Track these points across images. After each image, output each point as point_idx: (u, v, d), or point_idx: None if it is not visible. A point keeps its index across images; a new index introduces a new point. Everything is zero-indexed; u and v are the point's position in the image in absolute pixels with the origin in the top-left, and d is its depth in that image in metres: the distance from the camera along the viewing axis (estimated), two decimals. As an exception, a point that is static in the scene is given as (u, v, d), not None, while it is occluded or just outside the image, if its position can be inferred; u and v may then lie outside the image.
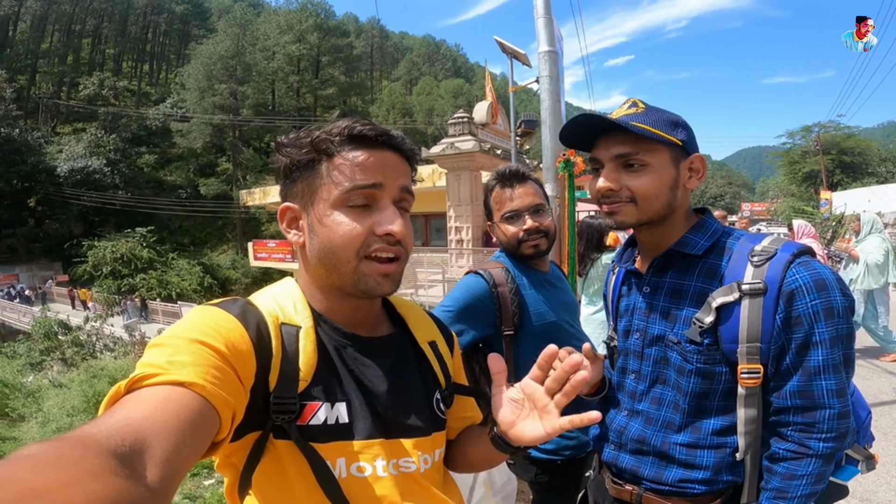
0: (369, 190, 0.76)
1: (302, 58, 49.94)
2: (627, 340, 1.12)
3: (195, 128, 43.27)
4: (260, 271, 34.49)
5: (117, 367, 10.00)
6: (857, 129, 37.53)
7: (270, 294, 0.81)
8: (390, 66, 75.11)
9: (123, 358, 13.77)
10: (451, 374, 0.96)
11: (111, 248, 31.93)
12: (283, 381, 0.71)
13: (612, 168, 1.01)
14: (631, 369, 1.12)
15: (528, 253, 1.57)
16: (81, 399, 7.27)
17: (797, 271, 0.91)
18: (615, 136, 1.00)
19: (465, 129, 12.72)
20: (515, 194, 1.58)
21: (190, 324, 0.67)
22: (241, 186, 38.86)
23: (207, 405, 0.57)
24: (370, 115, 54.30)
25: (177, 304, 24.42)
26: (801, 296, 0.89)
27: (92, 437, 0.44)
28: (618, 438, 1.12)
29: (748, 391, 0.95)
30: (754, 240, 0.99)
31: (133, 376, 0.57)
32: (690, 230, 1.04)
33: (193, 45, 52.28)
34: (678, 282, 1.02)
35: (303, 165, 0.79)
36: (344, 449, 0.74)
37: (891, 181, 27.57)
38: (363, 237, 0.76)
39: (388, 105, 54.58)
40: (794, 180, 35.85)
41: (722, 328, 0.94)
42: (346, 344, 0.81)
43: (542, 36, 3.70)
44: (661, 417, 1.05)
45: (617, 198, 1.01)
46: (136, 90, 53.57)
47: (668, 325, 1.03)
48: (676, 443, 1.02)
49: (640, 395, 1.09)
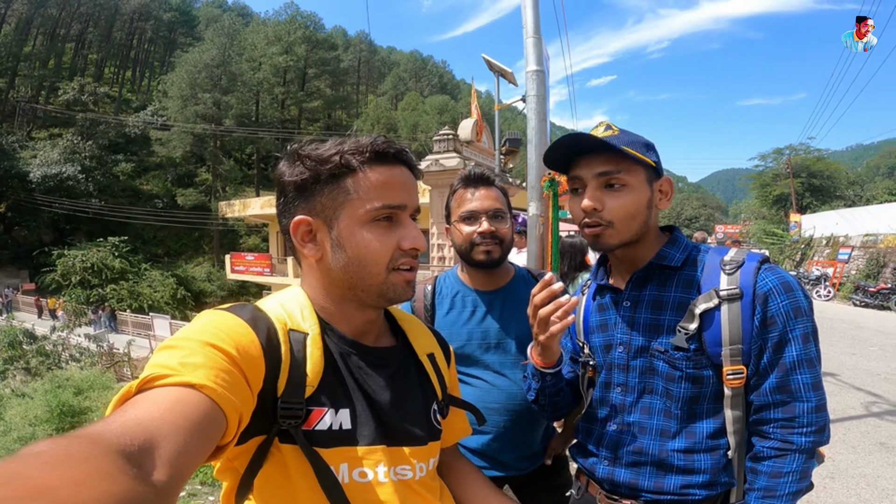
0: (393, 209, 0.80)
1: (288, 69, 49.85)
2: (609, 354, 1.14)
3: (175, 136, 42.54)
4: (237, 284, 33.90)
5: (83, 378, 9.66)
6: (826, 151, 39.00)
7: (278, 300, 0.83)
8: (377, 81, 75.50)
9: (90, 368, 13.31)
10: (448, 386, 0.99)
11: (81, 257, 30.98)
12: (291, 387, 0.72)
13: (595, 187, 1.05)
14: (616, 383, 1.13)
15: (480, 259, 1.46)
16: (45, 409, 7.01)
17: (766, 276, 0.99)
18: (597, 156, 1.05)
19: (450, 147, 12.81)
20: (477, 195, 1.50)
21: (202, 327, 0.68)
22: (220, 198, 38.26)
23: (216, 408, 0.57)
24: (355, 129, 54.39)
25: (148, 315, 23.75)
26: (773, 297, 0.97)
27: (102, 436, 0.44)
28: (612, 453, 1.12)
29: (734, 391, 1.00)
30: (720, 252, 1.08)
31: (145, 376, 0.58)
32: (666, 245, 1.10)
33: (179, 53, 51.83)
34: (658, 294, 1.07)
35: (325, 180, 0.79)
36: (347, 454, 0.75)
37: (858, 204, 28.58)
38: (392, 252, 0.80)
39: (373, 119, 54.70)
40: (766, 203, 36.91)
41: (706, 333, 1.00)
42: (351, 352, 0.82)
43: (530, 55, 3.76)
44: (655, 426, 1.07)
45: (599, 220, 1.05)
46: (116, 96, 52.64)
47: (652, 335, 1.07)
48: (674, 449, 1.04)
49: (629, 407, 1.11)
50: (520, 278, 1.60)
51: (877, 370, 6.50)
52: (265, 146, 48.51)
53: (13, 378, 14.63)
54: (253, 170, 50.23)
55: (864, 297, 14.56)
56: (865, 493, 3.32)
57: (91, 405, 7.64)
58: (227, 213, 24.72)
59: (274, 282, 21.21)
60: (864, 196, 36.19)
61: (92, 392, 8.39)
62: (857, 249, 18.66)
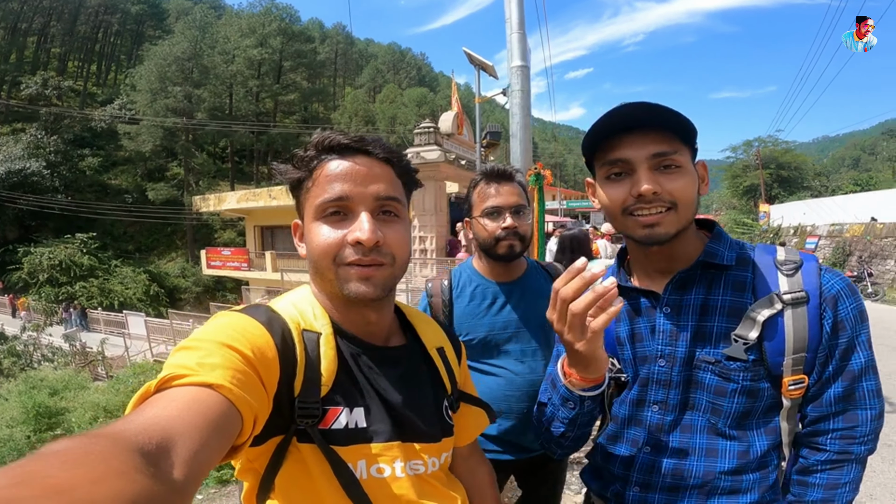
0: (336, 203, 0.78)
1: (263, 62, 48.90)
2: (647, 368, 0.99)
3: (145, 130, 41.36)
4: (212, 280, 33.24)
5: (58, 378, 9.41)
6: (794, 143, 40.17)
7: (289, 301, 0.84)
8: (354, 73, 74.51)
9: (64, 368, 12.95)
10: (458, 380, 1.00)
11: (48, 255, 30.02)
12: (308, 387, 0.74)
13: (649, 168, 0.89)
14: (653, 400, 0.99)
15: (503, 252, 1.53)
16: (21, 410, 6.83)
17: (830, 278, 0.91)
18: (647, 134, 0.89)
19: (431, 139, 12.80)
20: (500, 191, 1.55)
21: (218, 328, 0.69)
22: (193, 192, 37.34)
23: (232, 408, 0.58)
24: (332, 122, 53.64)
25: (121, 313, 23.14)
26: (843, 301, 0.89)
27: (121, 435, 0.45)
28: (645, 478, 1.00)
29: (793, 402, 0.92)
30: (768, 250, 0.97)
31: (163, 376, 0.58)
32: (712, 241, 0.98)
33: (147, 46, 50.09)
34: (706, 297, 0.94)
35: (295, 185, 0.84)
36: (363, 452, 0.77)
37: (825, 195, 29.52)
38: (337, 246, 0.78)
39: (350, 112, 54.10)
40: (736, 193, 37.89)
41: (767, 342, 0.89)
42: (361, 352, 0.83)
43: (515, 50, 3.77)
44: (699, 445, 0.95)
45: (659, 203, 0.89)
46: (81, 90, 50.73)
47: (699, 344, 0.94)
48: (722, 471, 0.93)
49: (667, 428, 0.98)
50: (533, 269, 1.68)
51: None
52: (239, 139, 47.53)
53: (-15, 379, 14.14)
54: (227, 163, 49.16)
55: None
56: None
57: (68, 405, 7.46)
58: (201, 208, 24.14)
59: (252, 276, 20.85)
60: (829, 187, 37.58)
61: (68, 392, 8.20)
62: (824, 238, 19.34)
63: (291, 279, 15.59)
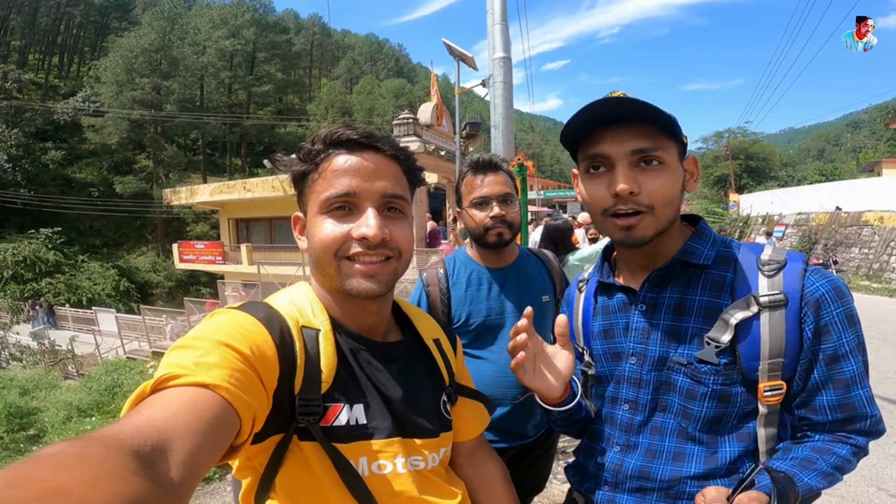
0: (342, 198, 0.78)
1: (236, 53, 47.81)
2: (619, 366, 0.98)
3: (111, 123, 40.05)
4: (185, 274, 32.45)
5: (28, 378, 9.12)
6: (762, 135, 41.42)
7: (287, 297, 0.84)
8: (330, 64, 73.33)
9: (33, 368, 12.53)
10: (455, 372, 1.00)
11: (12, 251, 28.86)
12: (308, 384, 0.74)
13: (627, 166, 0.86)
14: (624, 399, 0.98)
15: (493, 241, 1.58)
16: (-10, 411, 6.65)
17: (815, 280, 0.85)
18: (628, 128, 0.85)
19: (410, 130, 12.76)
20: (486, 181, 1.59)
21: (216, 326, 0.68)
22: (162, 185, 36.28)
23: (229, 408, 0.57)
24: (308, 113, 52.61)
25: (90, 309, 22.43)
26: (826, 304, 0.84)
27: (116, 437, 0.44)
28: (613, 478, 0.98)
29: (770, 409, 0.87)
30: (754, 249, 0.93)
31: (159, 376, 0.57)
32: (692, 238, 0.94)
33: (113, 38, 48.27)
34: (681, 297, 0.92)
35: (299, 178, 0.83)
36: (364, 448, 0.77)
37: (791, 184, 30.48)
38: (341, 240, 0.78)
39: (326, 103, 53.28)
40: (707, 183, 38.82)
41: (741, 346, 0.85)
42: (360, 348, 0.83)
43: (497, 42, 3.79)
44: (667, 449, 0.93)
45: (635, 206, 0.86)
46: (42, 83, 48.55)
47: (672, 345, 0.91)
48: (688, 476, 0.90)
49: (637, 427, 0.96)
50: (524, 255, 1.74)
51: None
52: (211, 131, 46.30)
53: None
54: (199, 155, 47.92)
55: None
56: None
57: (40, 405, 7.25)
58: (172, 201, 23.48)
59: (227, 270, 20.41)
60: (796, 177, 38.87)
61: (39, 392, 7.96)
62: (791, 227, 20.02)
63: (268, 272, 15.36)
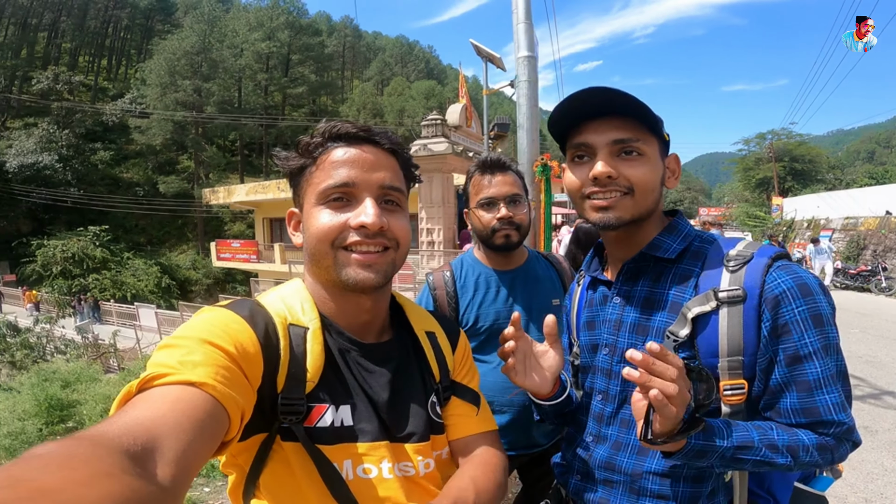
0: (341, 189, 0.78)
1: (271, 55, 49.12)
2: (594, 357, 1.01)
3: (155, 124, 41.70)
4: (223, 272, 33.55)
5: (70, 370, 9.52)
6: (807, 136, 39.63)
7: (278, 295, 0.82)
8: (362, 66, 74.48)
9: (76, 361, 13.12)
10: (451, 368, 0.94)
11: (62, 247, 30.43)
12: (291, 383, 0.72)
13: (609, 154, 0.89)
14: (597, 389, 1.00)
15: (500, 243, 1.53)
16: (33, 403, 6.89)
17: (778, 276, 0.82)
18: (611, 120, 0.89)
19: (439, 131, 12.75)
20: (494, 182, 1.54)
21: (199, 325, 0.68)
22: (203, 185, 37.66)
23: (217, 405, 0.58)
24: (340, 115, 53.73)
25: (132, 305, 23.40)
26: (787, 302, 0.81)
27: (104, 437, 0.44)
28: (583, 467, 1.00)
29: (732, 409, 0.85)
30: (729, 244, 0.91)
31: (145, 376, 0.58)
32: (662, 232, 0.95)
33: (157, 41, 50.47)
34: (650, 290, 0.93)
35: (296, 172, 0.83)
36: (350, 451, 0.75)
37: (839, 188, 29.11)
38: (339, 230, 0.77)
39: (358, 105, 54.09)
40: (749, 186, 37.48)
41: (700, 341, 0.85)
42: (350, 348, 0.82)
43: (521, 41, 3.74)
44: (633, 442, 0.93)
45: (614, 188, 0.89)
46: (92, 85, 51.16)
47: (640, 338, 0.92)
48: (650, 471, 0.90)
49: (607, 419, 0.97)
50: (533, 257, 1.67)
51: (858, 353, 6.37)
52: (248, 132, 47.72)
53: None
54: (236, 156, 49.44)
55: (845, 279, 14.90)
56: (850, 478, 3.37)
57: (80, 398, 7.53)
58: (211, 201, 24.35)
59: (261, 268, 21.00)
60: (844, 180, 36.95)
61: (80, 385, 8.26)
62: (838, 232, 19.04)
63: (300, 271, 15.62)
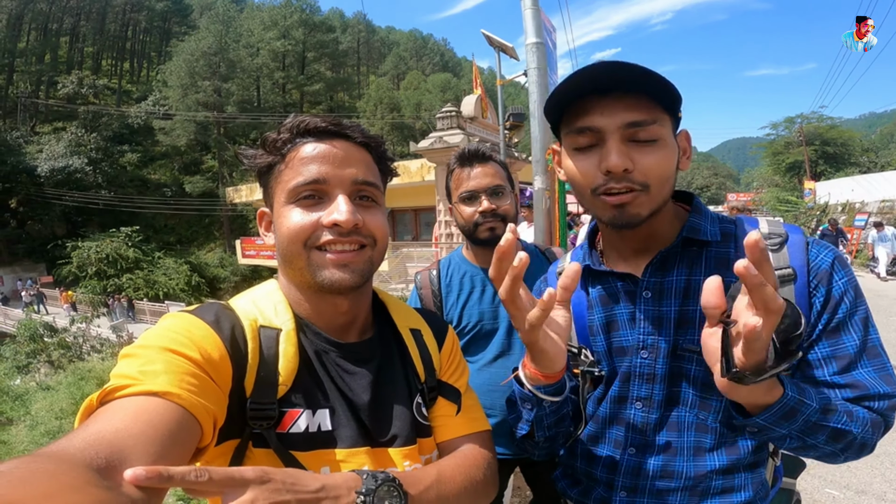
0: (312, 186, 0.75)
1: (287, 54, 49.45)
2: (629, 361, 0.91)
3: (179, 125, 42.56)
4: (249, 269, 34.19)
5: (105, 369, 9.89)
6: (839, 119, 38.11)
7: (250, 297, 0.80)
8: (377, 61, 74.54)
9: (111, 359, 13.60)
10: (437, 367, 0.91)
11: (96, 249, 31.38)
12: (261, 387, 0.70)
13: (620, 140, 0.78)
14: (636, 397, 0.90)
15: (484, 237, 1.46)
16: (69, 401, 7.19)
17: (818, 250, 0.82)
18: (621, 99, 0.77)
19: (454, 123, 12.70)
20: (473, 174, 1.48)
21: (160, 332, 0.66)
22: (227, 184, 38.38)
23: (185, 413, 0.56)
24: (357, 111, 53.96)
25: (164, 303, 24.09)
26: (836, 274, 0.80)
27: (65, 452, 0.43)
28: (631, 482, 0.91)
29: None
30: (751, 223, 0.88)
31: (105, 389, 0.56)
32: (694, 215, 0.88)
33: (175, 42, 51.40)
34: (688, 279, 0.85)
35: (265, 171, 0.80)
36: (327, 458, 0.72)
37: (873, 171, 28.02)
38: (311, 229, 0.74)
39: (375, 100, 54.19)
40: (778, 171, 36.30)
41: None
42: (328, 349, 0.79)
43: (529, 27, 3.67)
44: (688, 444, 0.87)
45: (630, 183, 0.79)
46: (116, 88, 52.48)
47: (682, 332, 0.85)
48: (713, 470, 0.86)
49: (652, 426, 0.89)
50: (529, 253, 1.61)
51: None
52: (268, 131, 48.14)
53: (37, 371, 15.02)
54: (258, 155, 50.21)
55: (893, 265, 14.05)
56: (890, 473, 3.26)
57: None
58: (235, 199, 24.84)
59: (285, 266, 21.35)
60: (878, 163, 35.44)
61: (113, 381, 8.58)
62: (874, 216, 18.32)
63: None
